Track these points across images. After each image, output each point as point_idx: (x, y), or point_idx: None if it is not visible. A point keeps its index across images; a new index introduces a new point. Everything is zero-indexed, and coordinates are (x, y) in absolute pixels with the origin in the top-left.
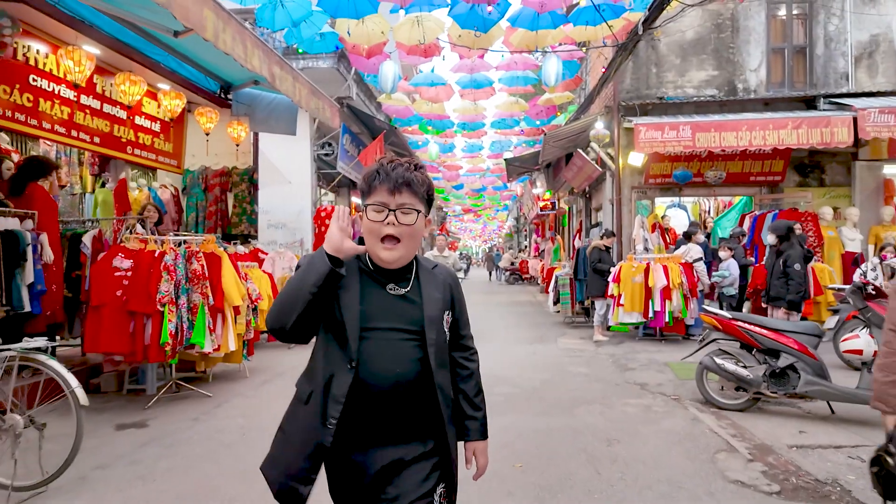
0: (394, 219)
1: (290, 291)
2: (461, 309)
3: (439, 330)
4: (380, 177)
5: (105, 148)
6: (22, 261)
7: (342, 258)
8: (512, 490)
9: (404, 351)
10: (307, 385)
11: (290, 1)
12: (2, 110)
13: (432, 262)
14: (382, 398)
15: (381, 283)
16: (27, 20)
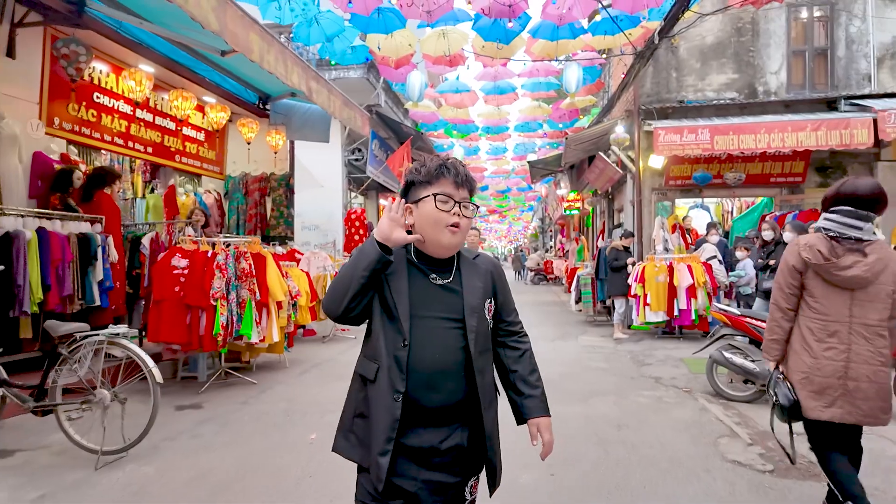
0: (459, 210)
1: (344, 276)
2: (505, 296)
3: (480, 317)
4: (448, 171)
5: (156, 157)
6: (93, 260)
7: (391, 246)
8: (527, 462)
9: (447, 337)
10: (371, 364)
11: (324, 18)
12: (71, 125)
13: (474, 253)
14: (429, 381)
15: (424, 273)
16: (93, 44)
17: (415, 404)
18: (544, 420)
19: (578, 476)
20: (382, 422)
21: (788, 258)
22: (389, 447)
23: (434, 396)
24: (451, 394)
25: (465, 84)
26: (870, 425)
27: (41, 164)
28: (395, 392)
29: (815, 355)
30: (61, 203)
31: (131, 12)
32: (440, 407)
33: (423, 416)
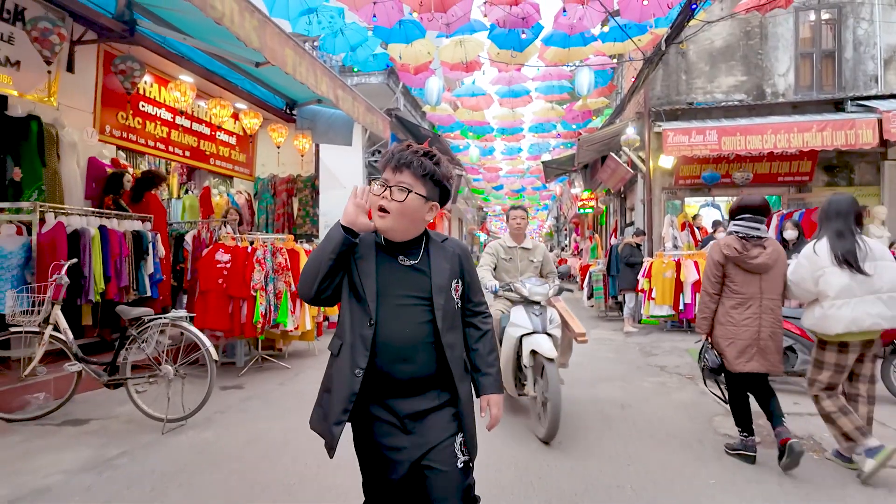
0: (388, 194)
1: (314, 260)
2: (472, 278)
3: (448, 297)
4: (389, 157)
5: (193, 160)
6: (145, 255)
7: (357, 230)
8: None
9: (415, 315)
10: (337, 341)
11: (349, 29)
12: (120, 132)
13: (443, 236)
14: (399, 355)
15: (393, 255)
16: (140, 57)
17: (387, 377)
18: (495, 397)
19: (583, 446)
20: (340, 394)
21: (713, 255)
22: (344, 418)
23: (405, 368)
24: (423, 366)
25: (481, 88)
26: (773, 373)
27: (95, 168)
28: (356, 368)
29: (737, 324)
30: (114, 203)
31: (177, 29)
32: (413, 378)
33: (397, 388)
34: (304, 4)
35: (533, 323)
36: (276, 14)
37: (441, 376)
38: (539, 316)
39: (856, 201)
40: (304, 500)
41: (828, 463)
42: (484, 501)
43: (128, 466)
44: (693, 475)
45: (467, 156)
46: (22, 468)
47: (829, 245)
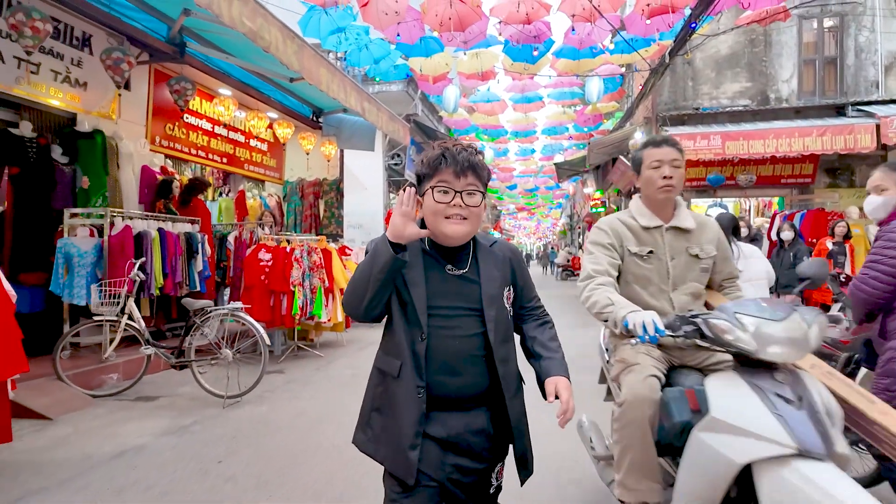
0: (460, 200)
1: (360, 278)
2: (524, 282)
3: (499, 307)
4: (446, 160)
5: (229, 166)
6: (195, 254)
7: (404, 243)
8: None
9: (466, 327)
10: (395, 360)
11: (373, 44)
12: (167, 142)
13: (492, 239)
14: (449, 369)
15: (440, 263)
16: (186, 74)
17: (439, 394)
18: (562, 380)
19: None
20: (409, 416)
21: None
22: (419, 441)
23: (455, 382)
24: (473, 381)
25: (496, 94)
26: None
27: (148, 175)
28: (418, 387)
29: None
30: (164, 208)
31: (222, 50)
32: (463, 394)
33: (444, 404)
34: (333, 24)
35: (792, 425)
36: (308, 34)
37: (491, 393)
38: (794, 403)
39: (734, 217)
40: (351, 459)
41: None
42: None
43: (201, 432)
44: None
45: (482, 157)
46: (116, 432)
47: None
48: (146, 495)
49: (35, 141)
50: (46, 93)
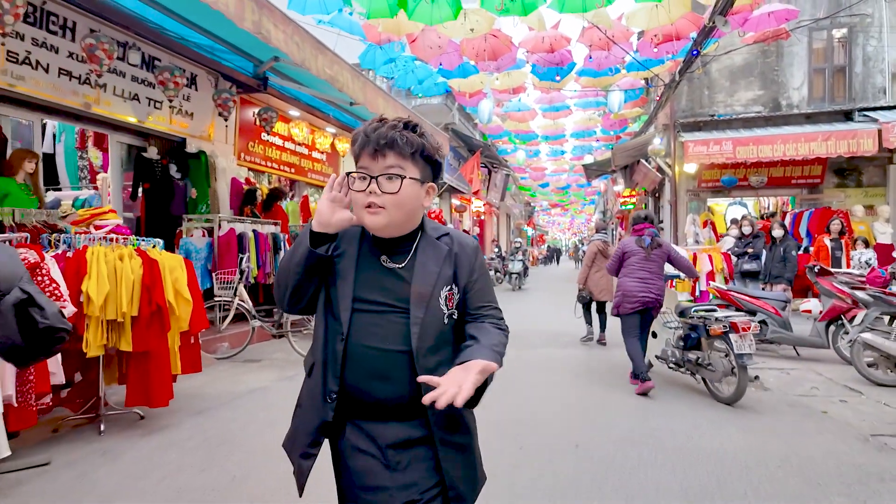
0: (375, 187)
1: (283, 268)
2: (474, 282)
3: (432, 307)
4: (360, 140)
5: (296, 175)
6: (279, 251)
7: (333, 231)
8: (559, 379)
9: (392, 328)
10: (310, 357)
11: (419, 68)
12: (249, 157)
13: (443, 230)
14: (373, 372)
15: (376, 255)
16: (262, 100)
17: (358, 398)
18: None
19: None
20: (309, 422)
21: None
22: (314, 451)
23: (377, 389)
24: (397, 388)
25: (526, 104)
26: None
27: (236, 185)
28: (329, 392)
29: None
30: (251, 213)
31: (297, 82)
32: (387, 402)
33: (371, 410)
34: (386, 56)
35: None
36: (365, 65)
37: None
38: None
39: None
40: None
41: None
42: None
43: (300, 379)
44: None
45: (514, 158)
46: (242, 380)
47: None
48: (282, 413)
49: (159, 162)
50: (166, 123)
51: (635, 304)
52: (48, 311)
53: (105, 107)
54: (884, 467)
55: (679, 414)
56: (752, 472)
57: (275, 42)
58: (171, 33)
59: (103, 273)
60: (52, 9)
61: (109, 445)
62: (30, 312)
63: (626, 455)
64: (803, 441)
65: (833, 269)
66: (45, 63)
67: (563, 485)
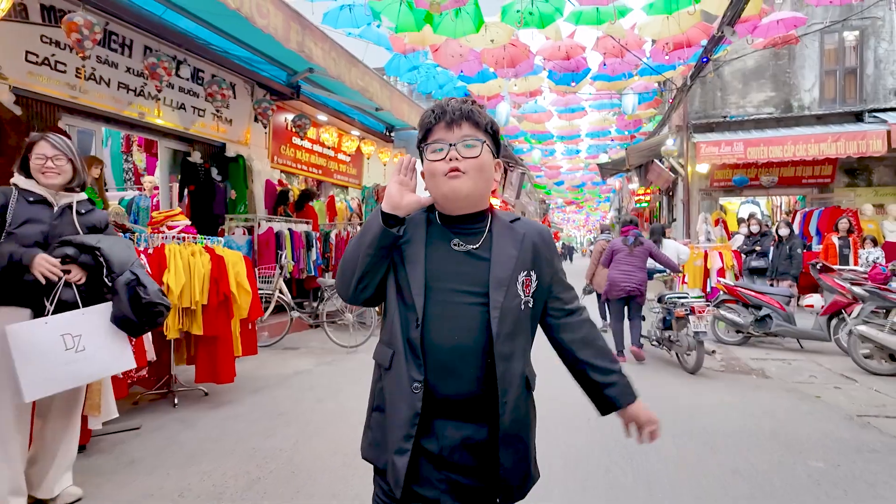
0: (455, 153)
1: (350, 254)
2: (553, 270)
3: (511, 293)
4: (435, 114)
5: (322, 176)
6: (311, 248)
7: (402, 215)
8: None
9: (468, 316)
10: (387, 349)
11: (440, 74)
12: (282, 160)
13: (513, 215)
14: (445, 366)
15: (446, 238)
16: (294, 107)
17: (431, 395)
18: (632, 407)
19: None
20: (400, 416)
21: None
22: (408, 445)
23: (451, 384)
24: (471, 383)
25: (542, 106)
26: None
27: (269, 187)
28: (413, 381)
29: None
30: (284, 212)
31: (327, 90)
32: (459, 398)
33: (441, 409)
34: (410, 64)
35: None
36: (391, 73)
37: (490, 400)
38: None
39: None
40: None
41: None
42: None
43: (338, 364)
44: None
45: (530, 157)
46: (286, 364)
47: None
48: (326, 391)
49: (202, 166)
50: (208, 129)
51: (620, 292)
52: (150, 290)
53: (156, 116)
54: (862, 440)
55: (683, 396)
56: (743, 443)
57: (315, 59)
58: (216, 48)
59: (180, 267)
60: (113, 28)
61: (185, 416)
62: (137, 290)
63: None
64: (794, 419)
65: (837, 267)
66: (107, 78)
67: (574, 454)
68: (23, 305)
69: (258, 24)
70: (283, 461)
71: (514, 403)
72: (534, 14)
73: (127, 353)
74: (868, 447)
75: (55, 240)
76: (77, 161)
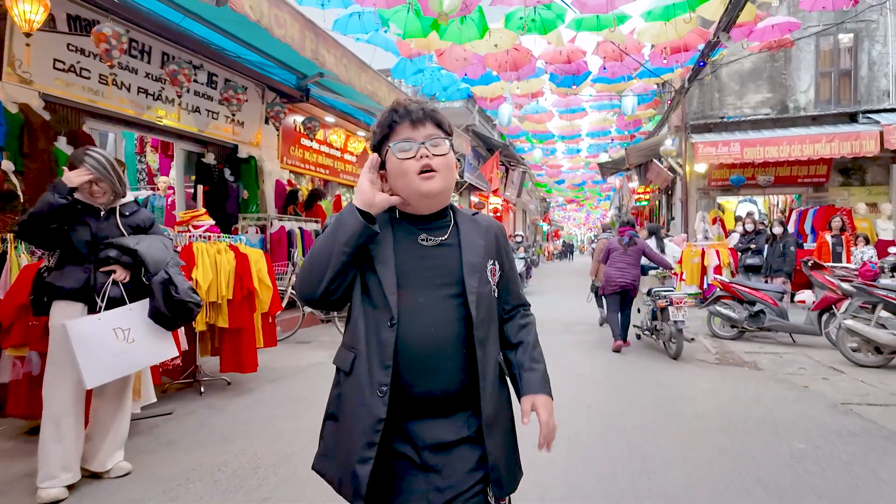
0: (426, 151)
1: (320, 254)
2: (511, 264)
3: (482, 278)
4: (398, 113)
5: (330, 175)
6: None
7: (374, 213)
8: (573, 356)
9: (442, 308)
10: (349, 353)
11: (444, 77)
12: (291, 161)
13: (471, 210)
14: (422, 363)
15: (412, 234)
16: (303, 108)
17: (406, 394)
18: (542, 397)
19: (611, 368)
20: (361, 422)
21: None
22: (371, 454)
23: (430, 382)
24: (450, 377)
25: (544, 107)
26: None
27: (279, 186)
28: (379, 385)
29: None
30: (293, 212)
31: (335, 93)
32: (438, 394)
33: (417, 407)
34: (416, 67)
35: None
36: (396, 76)
37: (471, 392)
38: None
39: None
40: None
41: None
42: None
43: None
44: None
45: (531, 156)
46: (300, 357)
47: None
48: (331, 382)
49: (216, 166)
50: (221, 132)
51: (615, 286)
52: (180, 288)
53: (173, 119)
54: (843, 425)
55: (678, 385)
56: (733, 426)
57: (329, 66)
58: (230, 53)
59: (207, 264)
60: (133, 36)
61: (212, 402)
62: (169, 289)
63: (630, 415)
64: (781, 406)
65: (829, 264)
66: (128, 83)
67: (576, 438)
68: (78, 300)
69: (276, 34)
70: (310, 440)
71: (492, 389)
72: (536, 21)
73: (170, 344)
74: (847, 431)
75: (102, 241)
76: (114, 180)
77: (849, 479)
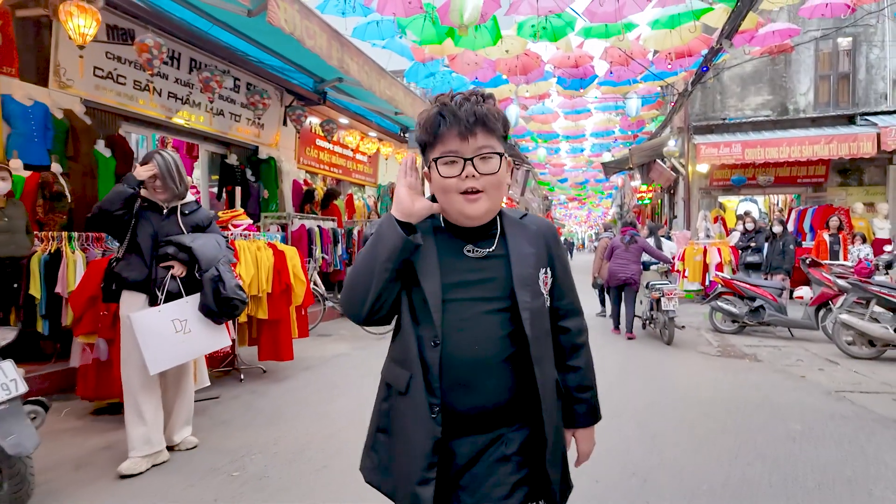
0: (472, 170)
1: (362, 271)
2: (564, 270)
3: (535, 291)
4: (445, 120)
5: (342, 175)
6: (336, 243)
7: (415, 222)
8: None
9: (489, 326)
10: (402, 370)
11: (454, 80)
12: (307, 161)
13: (521, 212)
14: (461, 381)
15: (457, 244)
16: (317, 110)
17: (449, 411)
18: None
19: (615, 363)
20: (420, 444)
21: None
22: (431, 475)
23: (469, 399)
24: (491, 394)
25: (549, 108)
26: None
27: (296, 186)
28: (433, 405)
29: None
30: (310, 210)
31: (352, 96)
32: (478, 412)
33: (460, 425)
34: (427, 70)
35: None
36: (409, 80)
37: (515, 407)
38: None
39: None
40: None
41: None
42: None
43: (371, 349)
44: None
45: (535, 155)
46: (325, 349)
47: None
48: (368, 369)
49: (238, 167)
50: (243, 133)
51: (617, 281)
52: (227, 286)
53: (200, 122)
54: (835, 409)
55: (684, 374)
56: (734, 411)
57: (352, 73)
58: (253, 58)
59: (248, 260)
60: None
61: (253, 388)
62: (217, 286)
63: (639, 400)
64: (779, 393)
65: (826, 262)
66: (159, 88)
67: None
68: (141, 291)
69: (307, 44)
70: (352, 418)
71: (551, 410)
72: (547, 28)
73: (223, 334)
74: (840, 415)
75: (163, 238)
76: (175, 179)
77: (839, 455)
